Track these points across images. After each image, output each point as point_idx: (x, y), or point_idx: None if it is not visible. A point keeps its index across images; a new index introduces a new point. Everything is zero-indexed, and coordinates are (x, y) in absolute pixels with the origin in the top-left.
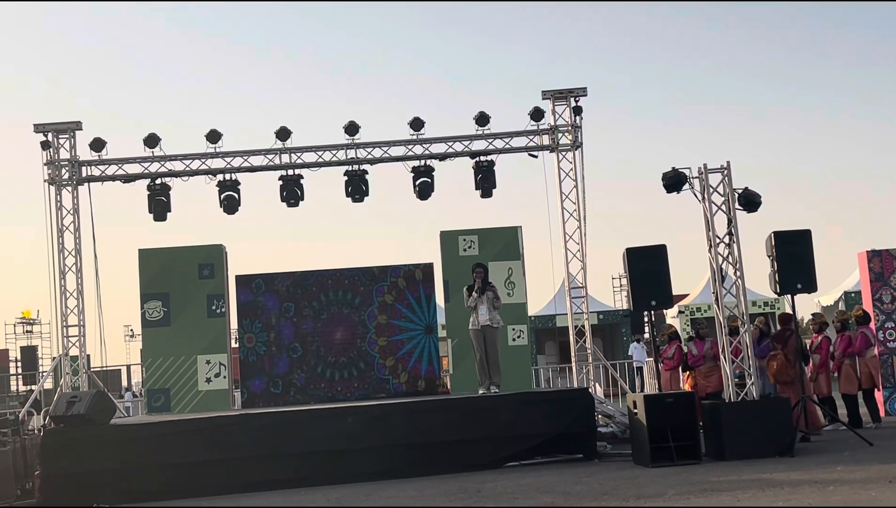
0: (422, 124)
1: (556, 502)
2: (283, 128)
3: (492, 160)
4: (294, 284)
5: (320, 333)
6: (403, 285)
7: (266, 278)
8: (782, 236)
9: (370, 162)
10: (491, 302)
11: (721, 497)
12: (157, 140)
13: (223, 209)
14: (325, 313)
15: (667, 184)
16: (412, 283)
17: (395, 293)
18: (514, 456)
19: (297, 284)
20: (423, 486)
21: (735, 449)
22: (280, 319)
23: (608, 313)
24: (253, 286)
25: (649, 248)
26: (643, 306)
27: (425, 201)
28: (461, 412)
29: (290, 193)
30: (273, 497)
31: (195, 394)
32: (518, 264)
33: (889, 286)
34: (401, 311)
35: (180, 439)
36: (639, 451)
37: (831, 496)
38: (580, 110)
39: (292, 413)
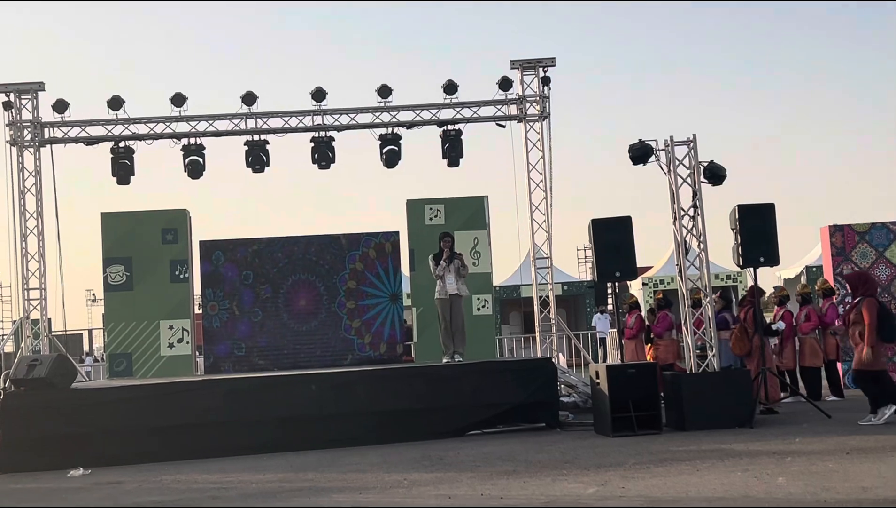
0: (390, 92)
1: (517, 470)
2: (248, 93)
3: (459, 129)
4: (255, 252)
5: (284, 299)
6: (374, 255)
7: (228, 246)
8: (746, 210)
9: (337, 129)
10: (458, 271)
11: (680, 466)
12: (121, 102)
13: (188, 174)
14: (290, 279)
15: (633, 156)
16: (382, 254)
17: (365, 263)
18: (477, 425)
19: (259, 251)
20: (387, 453)
21: (695, 420)
22: (240, 286)
23: (573, 284)
24: (213, 258)
25: (614, 219)
26: (607, 278)
27: (392, 169)
28: (425, 381)
29: (255, 158)
30: (235, 463)
31: (157, 359)
32: (484, 234)
33: (850, 261)
34: (369, 279)
35: (142, 404)
36: (600, 421)
37: (789, 466)
38: (548, 81)
39: (255, 380)
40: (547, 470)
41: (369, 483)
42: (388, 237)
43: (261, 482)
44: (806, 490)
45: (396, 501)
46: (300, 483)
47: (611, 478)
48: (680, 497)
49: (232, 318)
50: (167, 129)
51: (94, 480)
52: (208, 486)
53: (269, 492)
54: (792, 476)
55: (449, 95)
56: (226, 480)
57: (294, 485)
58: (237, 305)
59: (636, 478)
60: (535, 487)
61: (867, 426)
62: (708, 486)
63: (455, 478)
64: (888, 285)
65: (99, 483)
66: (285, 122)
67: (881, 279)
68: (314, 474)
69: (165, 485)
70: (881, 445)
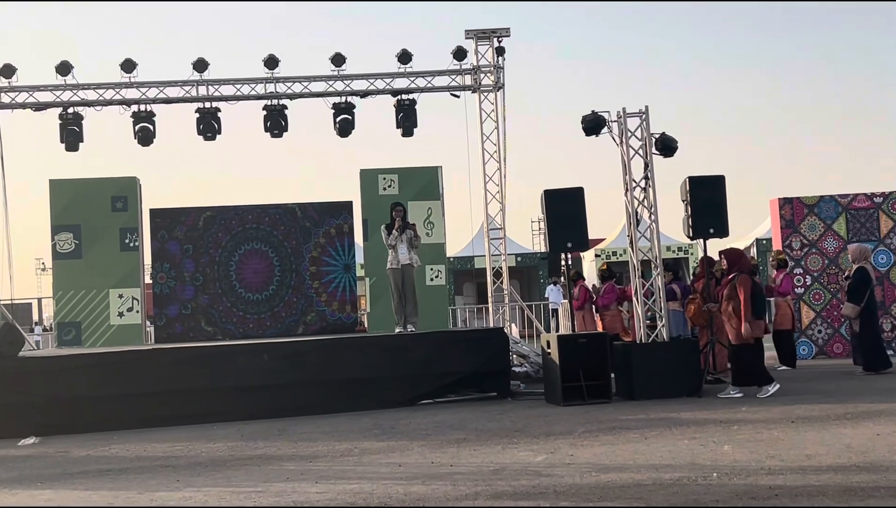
0: (343, 60)
1: (468, 438)
2: (200, 59)
3: (413, 99)
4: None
5: (235, 267)
6: (334, 233)
7: (179, 214)
8: (697, 182)
9: (290, 97)
10: (410, 241)
11: (629, 434)
12: (69, 68)
13: (137, 141)
14: (242, 247)
15: (586, 127)
16: (340, 233)
17: (327, 238)
18: (429, 394)
19: (210, 220)
20: (338, 422)
21: (644, 389)
22: (182, 258)
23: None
24: (159, 237)
25: (567, 190)
26: (559, 248)
27: (346, 138)
28: (377, 350)
29: (206, 126)
30: (184, 432)
31: (107, 328)
32: (437, 205)
33: (799, 233)
34: (329, 252)
35: (91, 373)
36: (551, 390)
37: (736, 434)
38: (503, 51)
39: (205, 349)
40: (497, 439)
41: (320, 452)
42: (347, 219)
43: (210, 450)
44: (751, 458)
45: (347, 469)
46: (250, 451)
47: (560, 446)
48: (627, 465)
49: (179, 285)
50: (117, 95)
51: (43, 449)
52: (157, 454)
53: (218, 460)
54: (738, 444)
55: (403, 65)
56: (175, 448)
57: (244, 453)
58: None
59: (585, 446)
60: (485, 455)
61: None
62: (655, 454)
63: (406, 446)
64: (835, 257)
65: (47, 451)
66: (237, 89)
67: (829, 252)
68: (264, 443)
69: (114, 454)
70: (826, 414)
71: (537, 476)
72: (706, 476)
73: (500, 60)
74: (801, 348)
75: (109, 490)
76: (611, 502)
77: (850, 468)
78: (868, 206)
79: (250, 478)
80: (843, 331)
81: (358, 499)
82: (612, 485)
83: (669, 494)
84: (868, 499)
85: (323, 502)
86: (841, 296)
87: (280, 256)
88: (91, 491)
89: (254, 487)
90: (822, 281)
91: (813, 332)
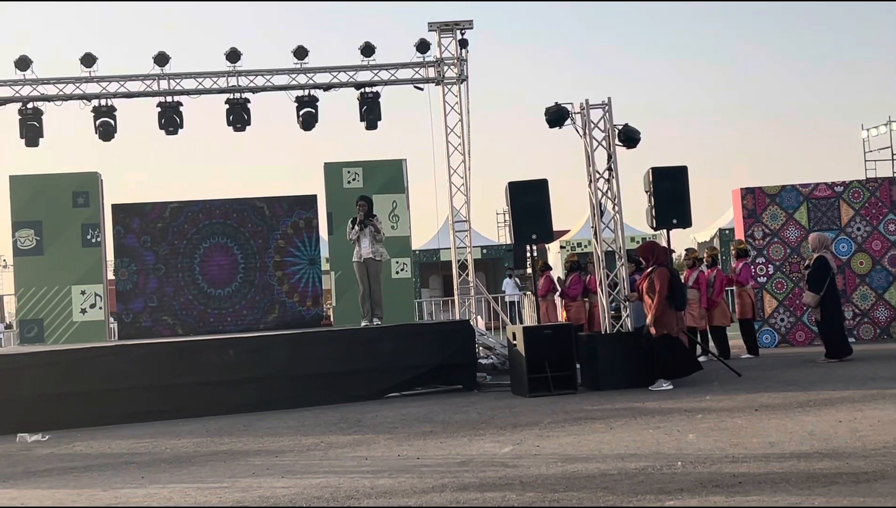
0: (306, 53)
1: (434, 431)
2: (161, 53)
3: (377, 92)
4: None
5: (199, 262)
6: (302, 225)
7: (141, 209)
8: (660, 173)
9: (252, 90)
10: (373, 235)
11: (594, 424)
12: (28, 63)
13: (99, 136)
14: (206, 242)
15: (549, 119)
16: (308, 226)
17: (294, 230)
18: (396, 387)
19: (173, 215)
20: (304, 417)
21: (610, 380)
22: (141, 250)
23: (491, 248)
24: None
25: (531, 182)
26: (524, 240)
27: (309, 131)
28: (343, 344)
29: (168, 120)
30: (150, 428)
31: (70, 325)
32: (402, 198)
33: (761, 223)
34: (295, 243)
35: (54, 370)
36: (517, 381)
37: (700, 423)
38: (466, 43)
39: (169, 345)
40: (464, 431)
41: (286, 447)
42: (313, 213)
43: (175, 446)
44: (715, 446)
45: (313, 463)
46: (215, 447)
47: (526, 437)
48: (593, 455)
49: (142, 278)
50: (77, 90)
51: (5, 447)
52: (121, 451)
53: (183, 457)
54: (702, 433)
55: (366, 58)
56: (139, 445)
57: (209, 449)
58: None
59: (551, 437)
60: (452, 447)
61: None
62: (621, 443)
63: (372, 440)
64: (797, 246)
65: (10, 450)
66: (199, 83)
67: (790, 241)
68: (229, 438)
69: (78, 452)
70: (788, 402)
71: (504, 468)
72: (671, 465)
73: (463, 53)
74: (764, 336)
75: (73, 489)
76: (577, 492)
77: (813, 455)
78: (829, 195)
79: (216, 474)
80: (806, 319)
81: (325, 493)
82: (577, 475)
83: (635, 483)
84: (830, 486)
85: (289, 497)
86: (803, 285)
87: (245, 253)
88: (55, 490)
89: (219, 483)
90: (784, 270)
91: (776, 320)
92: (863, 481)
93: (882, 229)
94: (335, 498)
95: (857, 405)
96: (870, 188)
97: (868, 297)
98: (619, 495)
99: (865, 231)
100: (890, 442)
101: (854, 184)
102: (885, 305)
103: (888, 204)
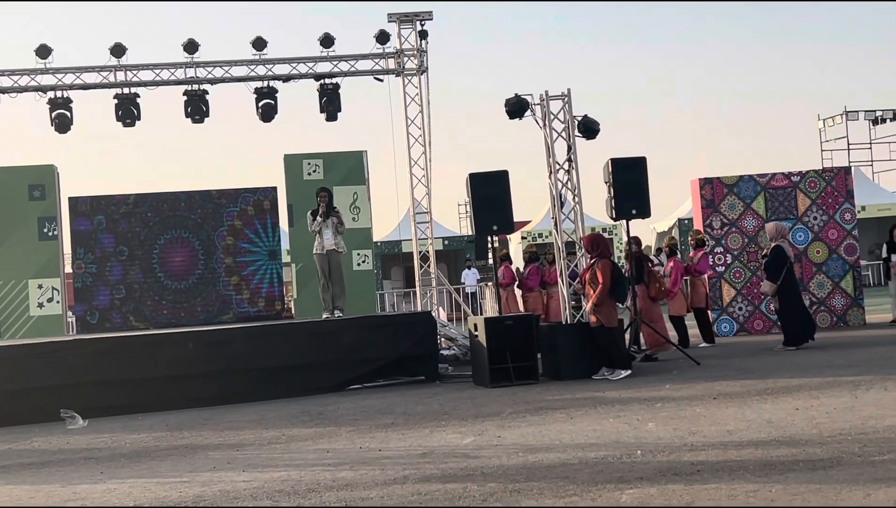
0: (264, 44)
1: (396, 422)
2: (117, 44)
3: (337, 83)
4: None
5: (158, 256)
6: (252, 212)
7: (99, 202)
8: (619, 164)
9: (210, 82)
10: (335, 227)
11: (555, 414)
12: None
13: (55, 128)
14: (164, 236)
15: (509, 110)
16: (260, 211)
17: (244, 219)
18: (358, 379)
19: (131, 208)
20: (265, 409)
21: (570, 370)
22: (97, 233)
23: (453, 239)
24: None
25: (492, 174)
26: (485, 231)
27: (269, 123)
28: (304, 337)
29: (125, 112)
30: (108, 424)
31: (27, 319)
32: (363, 189)
33: (719, 213)
34: (247, 236)
35: (11, 365)
36: (479, 372)
37: (659, 412)
38: (426, 35)
39: (128, 339)
40: (425, 422)
41: (247, 440)
42: (267, 194)
43: (135, 441)
44: (674, 435)
45: (274, 456)
46: (175, 441)
47: (487, 428)
48: (554, 444)
49: (101, 270)
50: (32, 81)
51: None
52: (80, 447)
53: (143, 451)
54: (661, 422)
55: (326, 49)
56: (98, 440)
57: (169, 443)
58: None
59: (512, 427)
60: (414, 439)
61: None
62: (581, 433)
63: (334, 432)
64: (755, 235)
65: None
66: (156, 74)
67: (748, 230)
68: (189, 432)
69: (36, 447)
70: (746, 390)
71: (465, 459)
72: (630, 454)
73: (423, 44)
74: (722, 325)
75: (31, 485)
76: (537, 482)
77: (770, 442)
78: (786, 185)
79: (176, 468)
80: (763, 308)
81: (286, 487)
82: (538, 465)
83: (595, 472)
84: (787, 473)
85: (250, 490)
86: (760, 274)
87: (202, 242)
88: (12, 486)
89: (179, 477)
90: (742, 259)
91: (734, 309)
92: (819, 468)
93: (838, 218)
94: (296, 492)
95: (813, 392)
96: (826, 178)
97: (825, 285)
98: (580, 484)
99: (822, 220)
100: (845, 430)
101: (811, 174)
102: (841, 293)
103: (844, 194)
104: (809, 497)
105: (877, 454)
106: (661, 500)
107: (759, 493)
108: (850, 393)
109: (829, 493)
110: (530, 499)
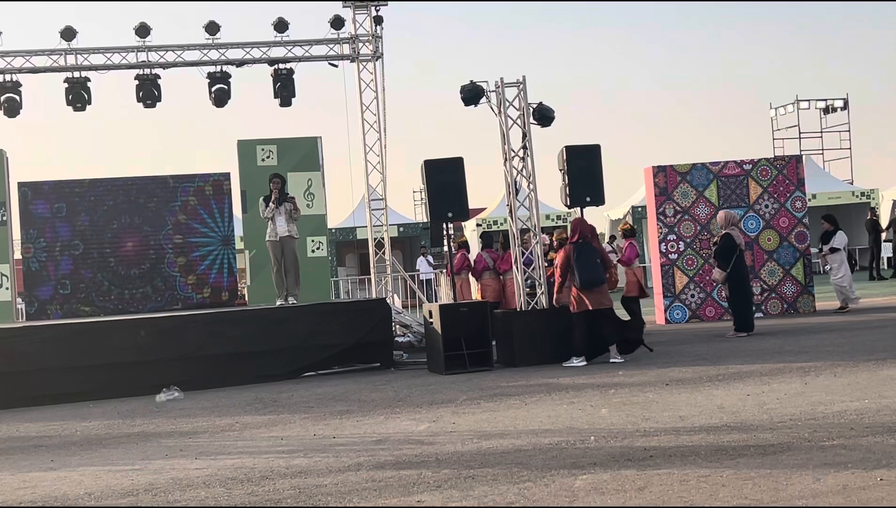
0: (217, 29)
1: (350, 409)
2: (68, 28)
3: (291, 68)
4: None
5: (110, 243)
6: (210, 191)
7: (49, 188)
8: (573, 151)
9: (162, 66)
10: (289, 213)
11: (510, 401)
12: None
13: (3, 113)
14: (116, 222)
15: (465, 97)
16: (219, 192)
17: (199, 197)
18: (312, 366)
19: (82, 194)
20: (218, 397)
21: (525, 356)
22: (53, 220)
23: (408, 226)
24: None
25: (447, 160)
26: (440, 218)
27: (222, 108)
28: (258, 324)
29: (76, 96)
30: (59, 411)
31: None
32: (318, 176)
33: (672, 200)
34: (201, 217)
35: None
36: (433, 359)
37: (612, 398)
38: (381, 20)
39: (78, 325)
40: (380, 409)
41: (200, 428)
42: (220, 178)
43: (86, 429)
44: (627, 421)
45: (227, 444)
46: (127, 429)
47: (442, 414)
48: (508, 431)
49: (51, 257)
50: None
51: None
52: (30, 435)
53: (94, 439)
54: (614, 408)
55: (280, 33)
56: (49, 428)
57: (121, 431)
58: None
59: (467, 413)
60: (368, 426)
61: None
62: (535, 419)
63: (288, 420)
64: (707, 223)
65: None
66: (107, 58)
67: (700, 218)
68: (142, 420)
69: None
70: (698, 376)
71: (420, 445)
72: (584, 440)
73: (378, 30)
74: (675, 312)
75: None
76: (491, 468)
77: (722, 428)
78: (738, 173)
79: (128, 456)
80: (715, 295)
81: (239, 474)
82: (492, 451)
83: (548, 458)
84: (739, 458)
85: (203, 478)
86: (712, 261)
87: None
88: None
89: (131, 465)
90: (694, 247)
91: (686, 296)
92: (770, 453)
93: (789, 206)
94: (250, 479)
95: (764, 378)
96: (777, 166)
97: (776, 273)
98: (533, 470)
99: (773, 208)
100: (795, 415)
101: (762, 162)
102: (791, 280)
103: (795, 182)
104: (760, 482)
105: (826, 439)
106: (614, 485)
107: (711, 478)
108: (800, 379)
109: (779, 478)
110: (485, 485)
